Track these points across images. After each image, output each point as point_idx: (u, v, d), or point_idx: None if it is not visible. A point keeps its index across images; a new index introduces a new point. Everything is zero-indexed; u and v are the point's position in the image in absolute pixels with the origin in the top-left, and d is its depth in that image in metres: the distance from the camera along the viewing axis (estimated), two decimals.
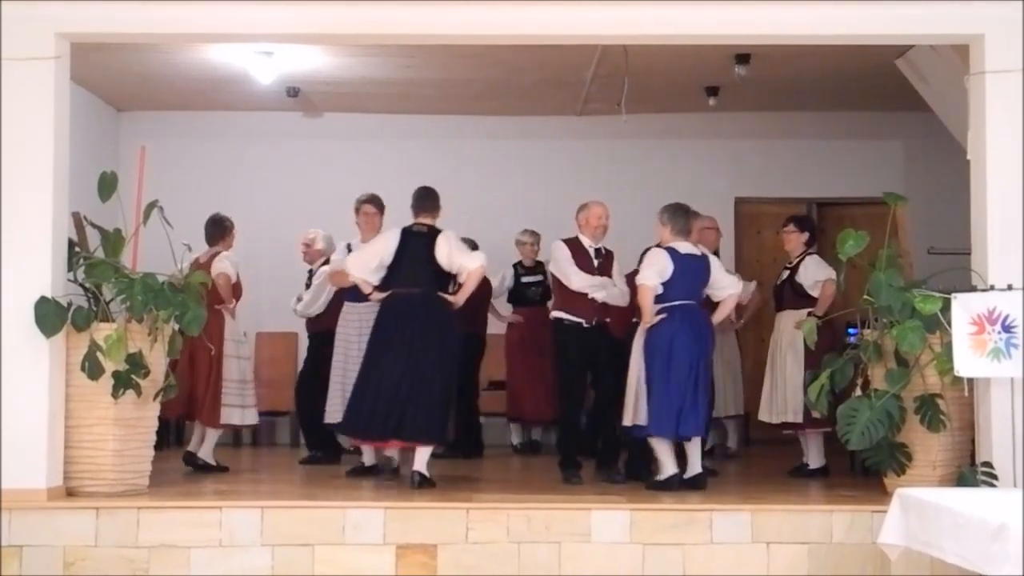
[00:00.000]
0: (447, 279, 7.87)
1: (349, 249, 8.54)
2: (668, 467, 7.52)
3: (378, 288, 7.90)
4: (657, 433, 7.52)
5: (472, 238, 9.92)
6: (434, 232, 7.91)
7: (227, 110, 11.66)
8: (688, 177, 11.52)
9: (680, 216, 7.73)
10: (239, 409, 8.86)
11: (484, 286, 9.99)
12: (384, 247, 7.92)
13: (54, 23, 7.03)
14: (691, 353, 7.46)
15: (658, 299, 7.54)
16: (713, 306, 7.94)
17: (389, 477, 7.93)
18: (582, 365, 8.00)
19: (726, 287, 7.82)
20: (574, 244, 8.08)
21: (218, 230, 9.00)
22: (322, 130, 11.98)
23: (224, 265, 8.71)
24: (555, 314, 8.13)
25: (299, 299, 9.39)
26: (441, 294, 7.82)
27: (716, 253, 8.63)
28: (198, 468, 8.66)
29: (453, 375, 7.83)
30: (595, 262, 8.04)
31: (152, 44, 8.91)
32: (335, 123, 11.96)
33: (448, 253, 7.80)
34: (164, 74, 10.33)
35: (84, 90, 10.51)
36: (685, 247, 7.69)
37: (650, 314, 7.52)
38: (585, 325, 7.96)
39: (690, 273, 7.63)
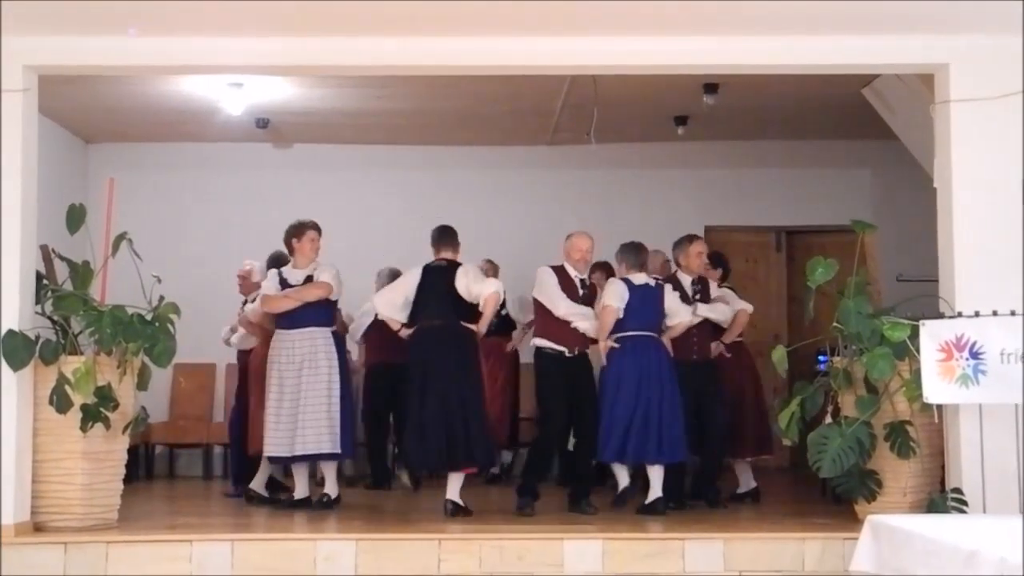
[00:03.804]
0: (470, 310, 7.98)
1: (280, 275, 8.34)
2: (622, 480, 8.03)
3: (405, 325, 8.09)
4: (604, 459, 7.98)
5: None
6: (454, 266, 8.09)
7: (197, 141, 11.63)
8: (657, 206, 11.58)
9: (631, 252, 8.18)
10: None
11: None
12: (407, 284, 8.11)
13: (22, 56, 7.01)
14: (636, 383, 7.83)
15: (614, 328, 7.90)
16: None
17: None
18: (562, 394, 7.94)
19: (675, 314, 8.11)
20: (560, 271, 8.08)
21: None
22: (292, 161, 11.96)
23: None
24: (536, 342, 8.11)
25: (232, 330, 9.24)
26: (464, 324, 7.97)
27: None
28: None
29: (484, 399, 8.08)
30: (580, 292, 8.05)
31: (121, 76, 8.88)
32: (305, 154, 11.95)
33: (466, 284, 7.97)
34: (133, 106, 10.30)
35: (52, 122, 10.46)
36: (639, 279, 8.07)
37: (606, 336, 7.90)
38: (567, 354, 7.94)
39: (645, 303, 8.01)
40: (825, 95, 9.61)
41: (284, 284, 8.29)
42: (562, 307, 7.94)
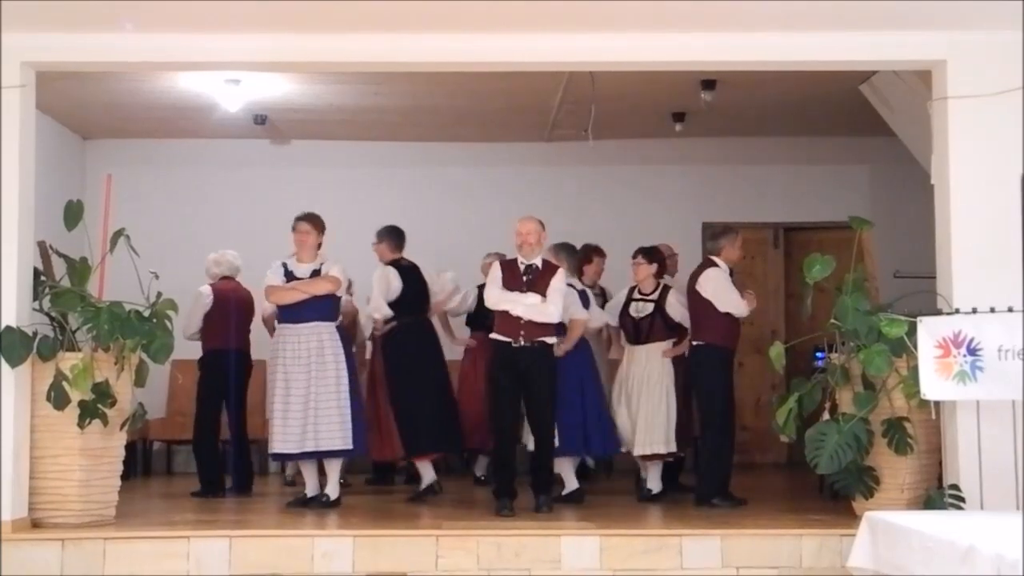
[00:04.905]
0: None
1: (286, 268, 8.23)
2: (571, 482, 8.36)
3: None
4: (571, 454, 8.42)
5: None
6: (415, 265, 8.71)
7: (194, 138, 11.61)
8: (655, 202, 11.59)
9: (571, 255, 8.73)
10: None
11: (248, 302, 9.33)
12: (390, 283, 8.57)
13: (19, 52, 7.00)
14: (581, 378, 8.36)
15: (558, 329, 8.04)
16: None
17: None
18: (510, 387, 7.78)
19: (595, 318, 8.64)
20: (508, 263, 8.04)
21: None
22: (290, 158, 11.94)
23: None
24: (492, 335, 8.00)
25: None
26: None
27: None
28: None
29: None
30: (524, 279, 7.88)
31: (118, 72, 8.88)
32: (303, 151, 11.93)
33: (433, 283, 8.78)
34: (130, 102, 10.29)
35: (50, 118, 10.45)
36: (576, 284, 8.55)
37: (572, 345, 8.27)
38: (513, 345, 7.76)
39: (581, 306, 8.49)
40: (823, 92, 9.60)
41: (289, 277, 8.17)
42: (486, 296, 8.01)
